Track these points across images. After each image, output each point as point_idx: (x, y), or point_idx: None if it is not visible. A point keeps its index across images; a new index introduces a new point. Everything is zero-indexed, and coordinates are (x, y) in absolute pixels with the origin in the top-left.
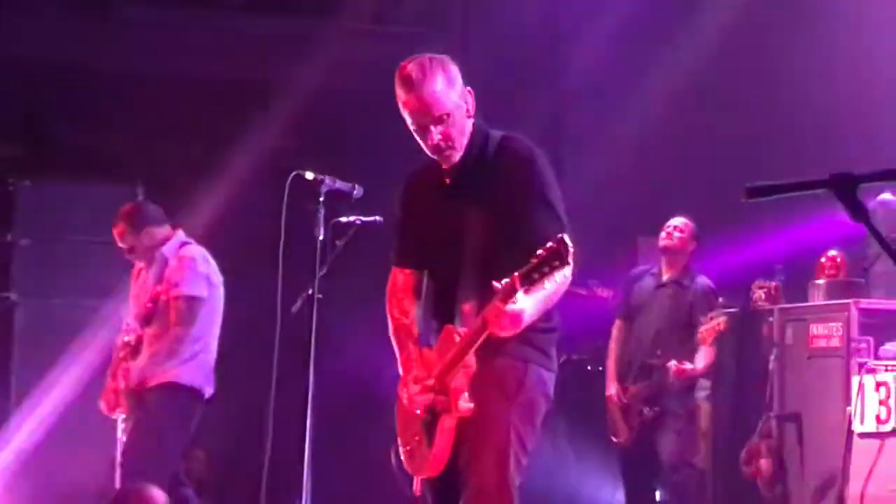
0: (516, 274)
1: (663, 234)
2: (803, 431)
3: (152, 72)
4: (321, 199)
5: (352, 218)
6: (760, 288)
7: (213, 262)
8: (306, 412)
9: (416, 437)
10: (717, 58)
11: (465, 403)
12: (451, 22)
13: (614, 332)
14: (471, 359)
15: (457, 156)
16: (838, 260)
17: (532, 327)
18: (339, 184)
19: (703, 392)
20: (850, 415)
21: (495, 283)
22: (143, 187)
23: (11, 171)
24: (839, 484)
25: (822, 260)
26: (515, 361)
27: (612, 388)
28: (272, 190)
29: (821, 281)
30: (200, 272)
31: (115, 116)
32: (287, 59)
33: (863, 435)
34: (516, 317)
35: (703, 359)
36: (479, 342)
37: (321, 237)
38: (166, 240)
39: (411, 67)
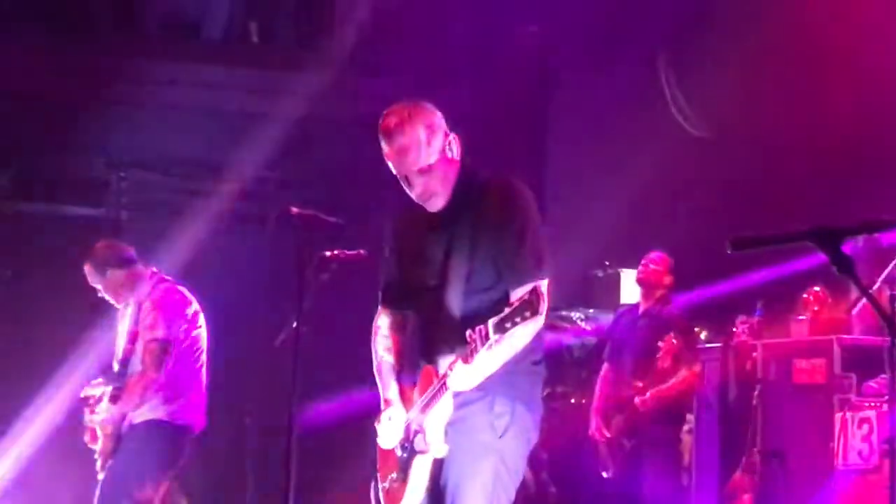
0: (491, 322)
1: (640, 268)
2: (787, 467)
3: (133, 99)
4: (306, 233)
5: (336, 251)
6: (743, 323)
7: (190, 299)
8: (290, 443)
9: (394, 474)
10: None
11: (440, 445)
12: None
13: (602, 372)
14: (446, 400)
15: (441, 201)
16: (821, 296)
17: (519, 368)
18: (323, 218)
19: (686, 426)
20: (833, 451)
21: (469, 332)
22: (126, 214)
23: None
24: None
25: (806, 296)
26: (501, 400)
27: (592, 426)
28: (256, 222)
29: (804, 317)
30: (174, 313)
31: (95, 144)
32: (270, 89)
33: (846, 471)
34: (471, 376)
35: (676, 380)
36: (444, 392)
37: (306, 270)
38: (137, 280)
39: (390, 120)
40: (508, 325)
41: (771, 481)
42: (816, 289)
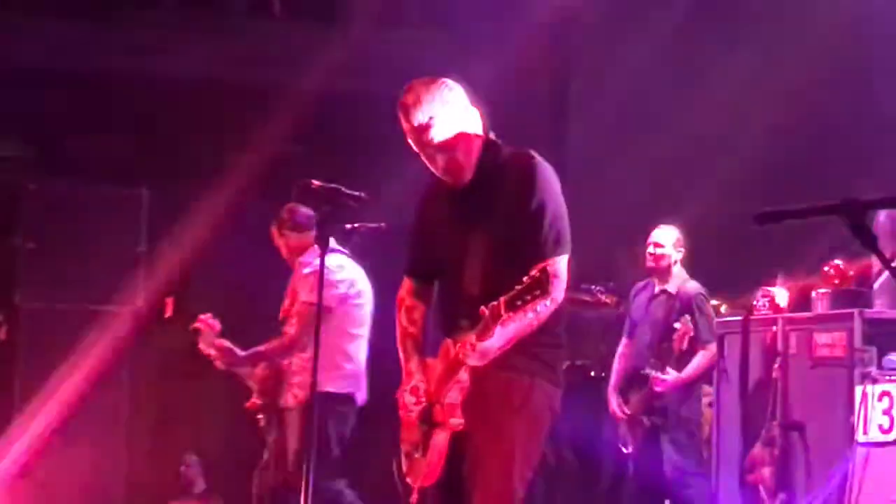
0: (502, 299)
1: (647, 254)
2: (807, 440)
3: (157, 75)
4: (327, 206)
5: (357, 224)
6: (764, 296)
7: (352, 271)
8: (312, 412)
9: (415, 446)
10: None
11: (456, 420)
12: (455, 25)
13: (620, 348)
14: (463, 375)
15: (466, 175)
16: (842, 269)
17: (539, 342)
18: (344, 191)
19: (706, 399)
20: (853, 424)
21: (482, 308)
22: (147, 191)
23: (17, 174)
24: (842, 493)
25: (826, 269)
26: (521, 375)
27: (612, 403)
28: (278, 196)
29: (825, 290)
30: (328, 281)
31: (120, 121)
32: (292, 63)
33: (866, 444)
34: (485, 353)
35: (693, 366)
36: (460, 368)
37: (328, 243)
38: (305, 246)
39: (409, 97)
40: (519, 302)
41: (791, 455)
42: (837, 262)
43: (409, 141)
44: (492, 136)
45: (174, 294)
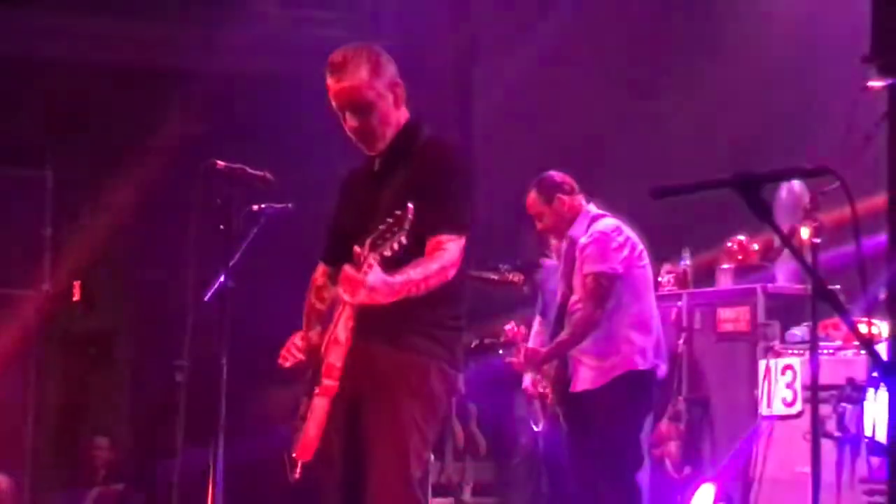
0: (368, 239)
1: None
2: (712, 414)
3: (63, 57)
4: (232, 187)
5: (263, 205)
6: (669, 273)
7: (631, 235)
8: (220, 399)
9: (302, 416)
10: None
11: (329, 381)
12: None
13: (535, 326)
14: (341, 334)
15: (380, 144)
16: (745, 244)
17: (438, 324)
18: (249, 172)
19: None
20: (756, 398)
21: (355, 247)
22: (52, 173)
23: None
24: (747, 466)
25: (729, 244)
26: (420, 356)
27: (526, 380)
28: (184, 178)
29: (728, 265)
30: (612, 248)
31: (24, 102)
32: (198, 43)
33: (769, 418)
34: (359, 283)
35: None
36: (344, 313)
37: (233, 225)
38: (576, 214)
39: (337, 54)
40: (380, 241)
41: (696, 429)
42: (741, 237)
43: (331, 100)
44: (415, 117)
45: (81, 277)
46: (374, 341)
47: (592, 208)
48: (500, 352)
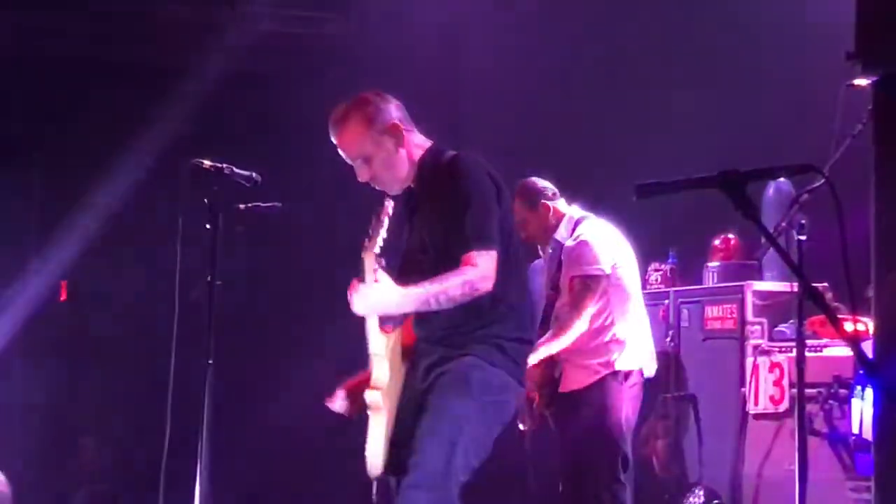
0: (364, 251)
1: None
2: (699, 412)
3: (51, 55)
4: (219, 186)
5: (250, 204)
6: (656, 271)
7: (616, 234)
8: (204, 397)
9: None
10: None
11: (371, 394)
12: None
13: None
14: (379, 356)
15: (396, 186)
16: (732, 242)
17: (507, 336)
18: (237, 171)
19: None
20: (744, 396)
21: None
22: (39, 171)
23: None
24: (735, 464)
25: (716, 243)
26: (483, 363)
27: None
28: (171, 177)
29: (715, 263)
30: (597, 249)
31: (13, 101)
32: (186, 43)
33: (757, 416)
34: (367, 295)
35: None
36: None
37: (219, 224)
38: (560, 219)
39: (336, 110)
40: (369, 243)
41: (683, 426)
42: (729, 235)
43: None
44: (434, 145)
45: (68, 277)
46: (436, 352)
47: (576, 210)
48: None
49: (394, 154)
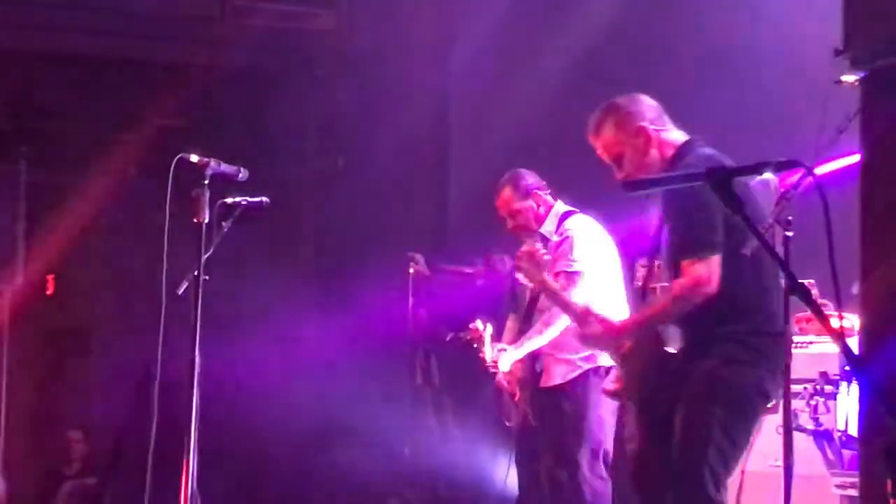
0: None
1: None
2: None
3: (37, 50)
4: (206, 181)
5: (238, 199)
6: (644, 267)
7: (601, 231)
8: (192, 391)
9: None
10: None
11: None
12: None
13: (508, 322)
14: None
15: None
16: None
17: (749, 332)
18: (224, 166)
19: None
20: None
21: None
22: (26, 165)
23: None
24: None
25: None
26: (719, 360)
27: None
28: (158, 172)
29: None
30: (583, 245)
31: None
32: (175, 37)
33: None
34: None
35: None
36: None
37: (206, 219)
38: (548, 211)
39: (591, 120)
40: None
41: None
42: None
43: None
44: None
45: (55, 272)
46: (688, 354)
47: (561, 205)
48: (476, 346)
49: (644, 155)
